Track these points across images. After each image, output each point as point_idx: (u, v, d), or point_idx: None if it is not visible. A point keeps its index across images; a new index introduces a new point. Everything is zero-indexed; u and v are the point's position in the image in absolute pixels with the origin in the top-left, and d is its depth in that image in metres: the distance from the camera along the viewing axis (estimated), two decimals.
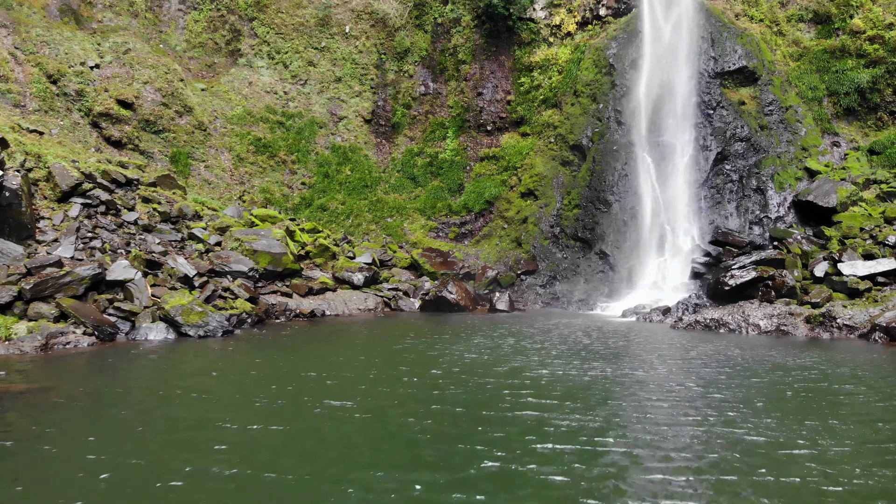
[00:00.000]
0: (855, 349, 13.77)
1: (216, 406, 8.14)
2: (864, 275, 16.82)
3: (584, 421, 7.50)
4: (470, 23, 29.71)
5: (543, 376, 10.10)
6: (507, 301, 20.40)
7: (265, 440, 6.76)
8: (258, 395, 8.66)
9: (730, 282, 17.82)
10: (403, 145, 29.74)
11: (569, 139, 25.14)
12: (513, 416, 7.72)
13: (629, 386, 9.49)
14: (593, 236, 22.95)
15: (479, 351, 12.56)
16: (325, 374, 10.14)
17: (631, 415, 7.83)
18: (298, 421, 7.53)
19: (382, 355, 12.24)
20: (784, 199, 21.54)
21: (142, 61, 27.07)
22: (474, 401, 8.46)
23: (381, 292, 20.54)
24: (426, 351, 12.68)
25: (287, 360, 11.58)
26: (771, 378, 10.31)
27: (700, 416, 7.80)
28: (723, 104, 23.06)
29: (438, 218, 26.97)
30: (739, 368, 11.11)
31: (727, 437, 6.96)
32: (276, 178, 27.21)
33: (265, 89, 29.81)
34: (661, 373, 10.46)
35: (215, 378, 9.95)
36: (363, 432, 7.12)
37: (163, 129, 25.68)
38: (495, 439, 6.77)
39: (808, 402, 8.70)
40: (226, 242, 19.90)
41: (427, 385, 9.42)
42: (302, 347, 13.21)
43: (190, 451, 6.33)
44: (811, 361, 11.99)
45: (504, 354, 12.17)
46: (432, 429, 7.15)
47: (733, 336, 15.55)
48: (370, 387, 9.32)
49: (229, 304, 16.86)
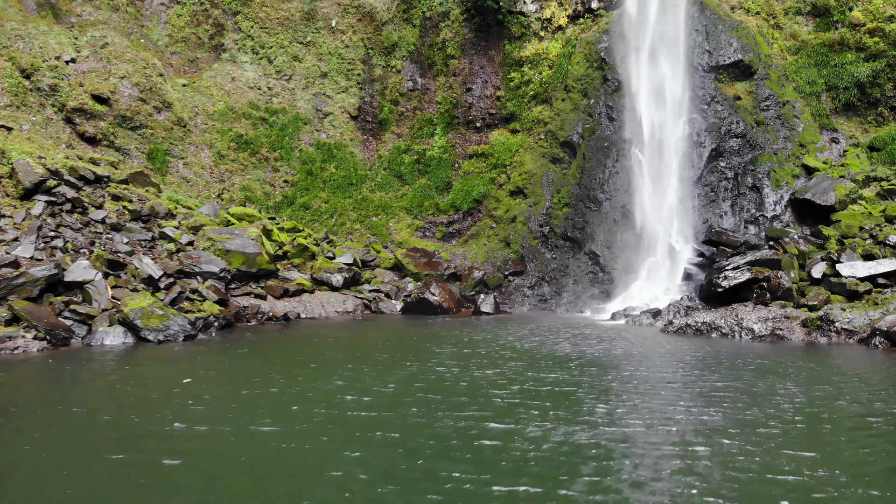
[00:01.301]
0: (854, 356, 12.95)
1: (138, 426, 7.32)
2: (863, 276, 16.00)
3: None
4: (459, 17, 28.91)
5: (496, 402, 9.29)
6: (491, 303, 19.57)
7: (181, 473, 5.95)
8: (192, 415, 7.85)
9: (723, 283, 17.01)
10: (390, 142, 28.93)
11: (559, 136, 24.33)
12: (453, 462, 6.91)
13: (590, 431, 7.17)
14: (583, 236, 22.13)
15: (447, 364, 11.75)
16: (265, 390, 9.33)
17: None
18: (217, 452, 6.72)
19: (339, 366, 11.42)
20: (781, 197, 20.71)
21: (119, 56, 26.26)
22: (418, 428, 7.64)
23: (361, 294, 19.72)
24: (389, 361, 11.86)
25: (240, 370, 10.76)
26: (761, 392, 9.49)
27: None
28: (717, 99, 22.24)
29: (425, 217, 26.15)
30: (730, 391, 10.27)
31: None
32: (257, 175, 26.39)
33: (248, 85, 29.00)
34: (637, 408, 9.06)
35: (158, 389, 9.13)
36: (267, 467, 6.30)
37: (140, 126, 24.86)
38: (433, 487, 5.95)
39: (808, 430, 7.88)
40: (198, 242, 19.08)
41: (373, 407, 8.60)
42: (262, 354, 12.39)
43: (111, 486, 5.52)
44: (807, 372, 11.17)
45: (469, 368, 11.35)
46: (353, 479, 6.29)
47: (725, 341, 14.72)
48: (304, 406, 8.50)
49: (196, 306, 16.05)
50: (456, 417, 7.61)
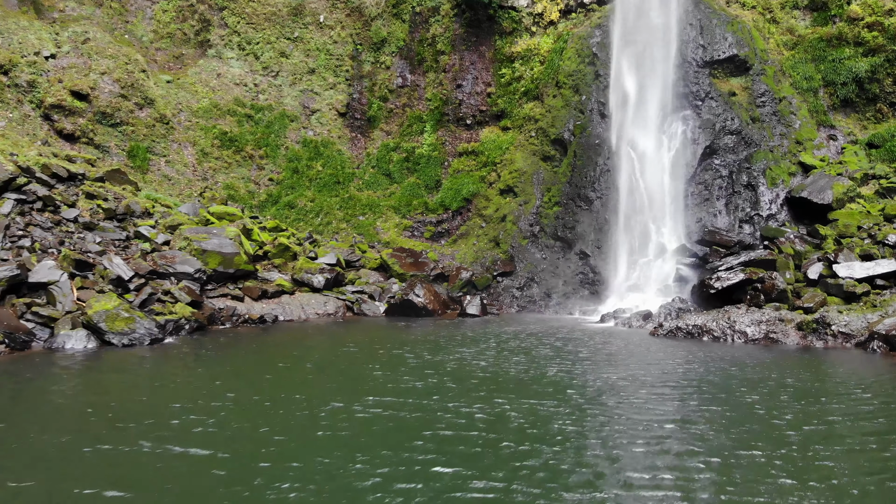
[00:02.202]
0: (851, 361, 12.34)
1: (76, 442, 6.72)
2: (861, 277, 15.39)
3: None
4: (449, 11, 28.30)
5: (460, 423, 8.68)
6: (478, 305, 18.97)
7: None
8: (117, 434, 7.25)
9: (715, 284, 16.40)
10: (379, 140, 28.32)
11: (550, 133, 23.73)
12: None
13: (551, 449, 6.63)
14: (573, 236, 21.52)
15: (417, 374, 11.15)
16: (209, 402, 8.73)
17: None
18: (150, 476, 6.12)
19: (301, 374, 10.82)
20: (776, 195, 20.10)
21: (101, 51, 25.65)
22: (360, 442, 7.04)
23: (343, 295, 19.11)
24: (355, 369, 11.26)
25: (194, 380, 10.14)
26: (749, 408, 8.89)
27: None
28: (712, 95, 21.63)
29: (414, 216, 25.54)
30: (716, 406, 9.66)
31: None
32: (241, 173, 25.78)
33: (234, 81, 28.39)
34: (614, 423, 8.54)
35: (102, 400, 8.53)
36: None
37: (120, 122, 24.25)
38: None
39: (799, 455, 7.27)
40: (174, 241, 18.47)
41: (327, 418, 8.00)
42: (225, 362, 11.78)
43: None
44: (802, 381, 10.56)
45: (438, 379, 10.75)
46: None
47: (717, 345, 14.11)
48: (252, 422, 7.91)
49: (168, 308, 15.44)
50: (397, 451, 7.00)
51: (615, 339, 14.19)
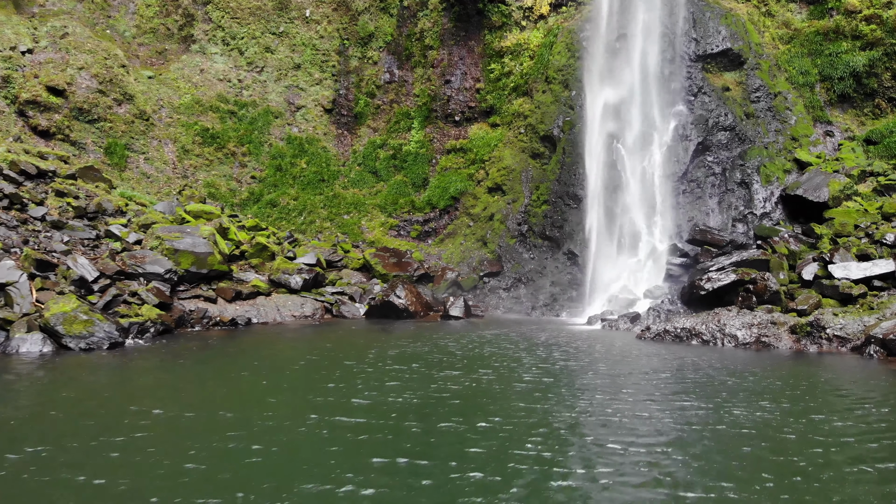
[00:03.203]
0: (847, 367, 11.69)
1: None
2: (858, 278, 14.74)
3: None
4: (438, 5, 27.64)
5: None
6: (461, 307, 18.32)
7: None
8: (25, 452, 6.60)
9: (706, 285, 15.74)
10: (366, 137, 27.66)
11: (539, 129, 23.07)
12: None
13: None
14: (562, 235, 20.87)
15: (374, 389, 10.50)
16: (142, 421, 8.08)
17: None
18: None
19: (244, 387, 10.16)
20: (771, 193, 19.44)
21: (79, 46, 25.00)
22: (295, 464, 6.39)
23: (322, 297, 18.46)
24: (306, 382, 10.59)
25: (141, 389, 9.49)
26: (735, 425, 8.25)
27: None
28: (705, 90, 20.97)
29: (400, 215, 24.88)
30: (696, 423, 9.01)
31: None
32: (223, 171, 25.12)
33: (218, 77, 27.74)
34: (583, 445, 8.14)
35: (35, 411, 7.87)
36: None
37: (98, 119, 23.60)
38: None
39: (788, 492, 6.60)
40: (146, 241, 17.82)
41: (259, 439, 7.35)
42: (179, 369, 11.13)
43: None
44: (795, 391, 9.90)
45: (399, 393, 10.09)
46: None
47: (706, 349, 13.46)
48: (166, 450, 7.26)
49: (133, 310, 14.78)
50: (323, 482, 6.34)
51: (598, 345, 13.52)
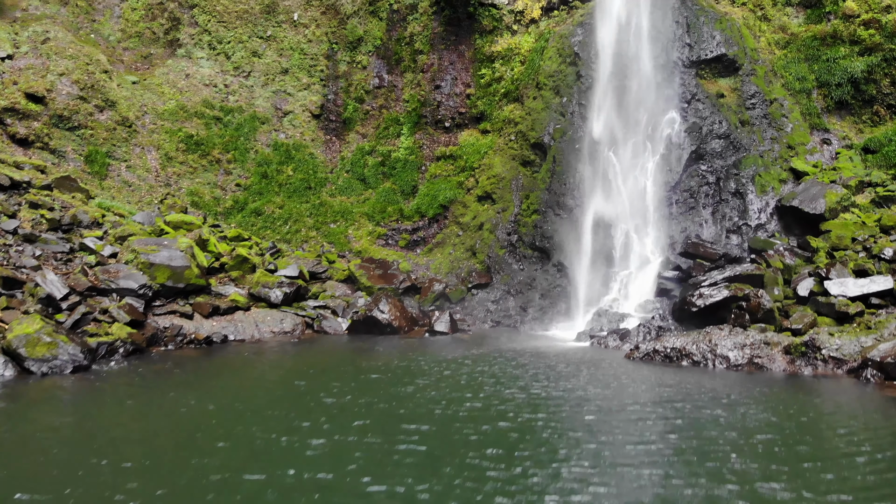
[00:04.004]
0: (843, 393, 11.17)
1: None
2: (855, 295, 14.21)
3: None
4: (428, 9, 27.10)
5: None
6: (447, 322, 17.78)
7: None
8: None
9: (697, 302, 15.21)
10: (354, 143, 27.12)
11: (530, 137, 22.53)
12: None
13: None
14: (551, 246, 20.32)
15: (335, 424, 9.97)
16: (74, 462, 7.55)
17: None
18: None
19: (196, 421, 9.64)
20: (766, 203, 18.89)
21: (61, 51, 24.46)
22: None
23: (303, 311, 17.92)
24: (264, 412, 10.06)
25: (73, 425, 8.95)
26: (722, 463, 7.71)
27: None
28: (698, 97, 20.42)
29: (388, 224, 24.34)
30: (680, 465, 8.47)
31: None
32: (207, 178, 24.58)
33: (204, 82, 27.19)
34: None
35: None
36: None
37: (78, 126, 23.07)
38: None
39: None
40: (122, 254, 17.29)
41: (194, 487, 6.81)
42: (136, 396, 10.59)
43: None
44: (789, 425, 9.36)
45: (355, 436, 9.54)
46: None
47: (696, 371, 12.92)
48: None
49: (103, 329, 14.26)
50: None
51: (585, 369, 12.96)
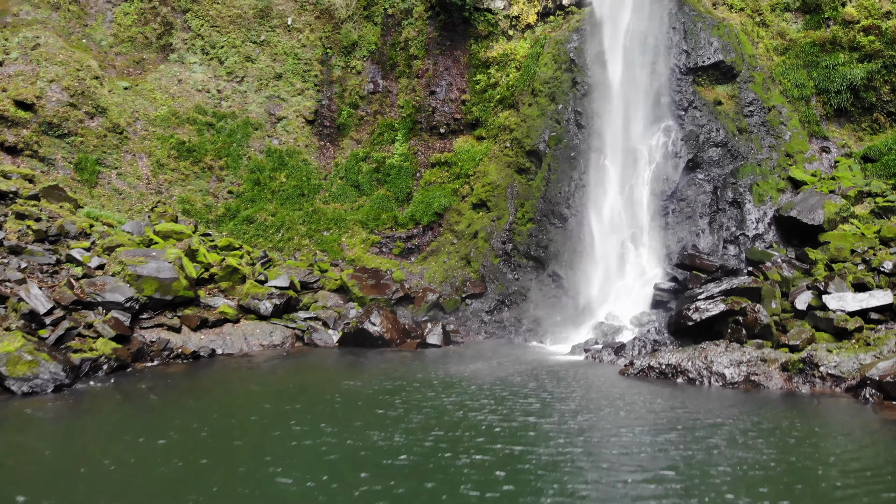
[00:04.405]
0: (841, 413, 10.88)
1: None
2: (853, 310, 13.94)
3: None
4: (423, 14, 26.82)
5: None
6: (439, 334, 17.51)
7: None
8: None
9: (693, 316, 14.93)
10: (349, 149, 26.85)
11: (525, 144, 22.25)
12: None
13: None
14: (546, 255, 20.05)
15: (307, 454, 9.68)
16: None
17: None
18: None
19: (159, 454, 9.36)
20: (764, 213, 18.61)
21: (51, 58, 24.19)
22: None
23: (293, 323, 17.65)
24: (228, 442, 9.78)
25: (30, 459, 8.67)
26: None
27: None
28: (695, 104, 20.15)
29: (382, 231, 24.07)
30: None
31: None
32: (199, 186, 24.31)
33: (196, 87, 26.92)
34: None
35: None
36: None
37: (68, 133, 22.80)
38: None
39: None
40: (110, 265, 17.02)
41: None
42: (108, 420, 10.31)
43: None
44: (785, 454, 9.09)
45: (327, 473, 9.25)
46: None
47: (692, 389, 12.64)
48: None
49: (88, 344, 13.99)
50: None
51: (578, 387, 12.68)
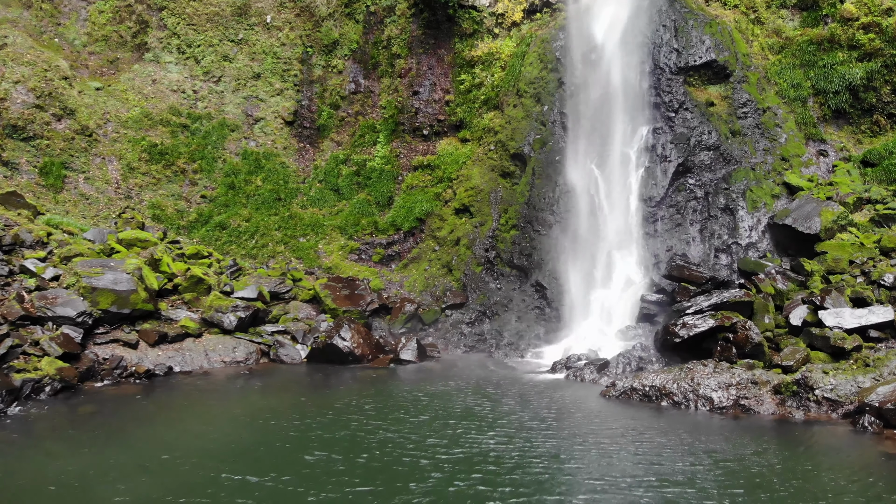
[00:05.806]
0: (837, 445, 9.95)
1: None
2: (852, 327, 13.01)
3: None
4: (406, 11, 25.85)
5: None
6: (414, 350, 16.56)
7: None
8: None
9: (681, 332, 13.99)
10: (329, 151, 25.89)
11: (509, 147, 21.31)
12: None
13: None
14: (530, 264, 19.11)
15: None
16: None
17: None
18: None
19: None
20: (757, 221, 17.66)
21: (18, 58, 23.23)
22: None
23: (259, 337, 16.70)
24: (148, 486, 8.84)
25: None
26: None
27: None
28: (686, 105, 19.20)
29: (362, 237, 23.12)
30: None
31: None
32: (171, 190, 23.35)
33: (171, 87, 25.95)
34: None
35: None
36: None
37: (34, 136, 21.85)
38: None
39: None
40: (64, 277, 16.07)
41: None
42: (38, 457, 9.36)
43: None
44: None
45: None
46: None
47: (677, 414, 11.70)
48: None
49: (32, 364, 13.05)
50: None
51: (555, 413, 11.71)
